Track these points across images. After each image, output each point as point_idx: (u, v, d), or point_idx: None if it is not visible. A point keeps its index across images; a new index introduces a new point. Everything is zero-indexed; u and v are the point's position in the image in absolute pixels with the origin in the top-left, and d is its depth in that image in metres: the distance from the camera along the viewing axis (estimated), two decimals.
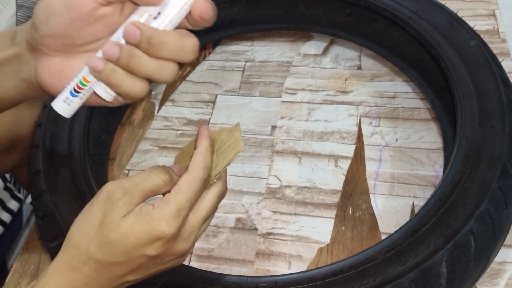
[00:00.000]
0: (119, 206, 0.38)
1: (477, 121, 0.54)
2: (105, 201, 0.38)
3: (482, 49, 0.61)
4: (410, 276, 0.45)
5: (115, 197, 0.38)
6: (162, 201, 0.38)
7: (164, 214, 0.38)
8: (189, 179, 0.39)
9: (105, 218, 0.38)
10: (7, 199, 0.82)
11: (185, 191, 0.39)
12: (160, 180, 0.39)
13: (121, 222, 0.37)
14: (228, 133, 0.44)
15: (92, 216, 0.38)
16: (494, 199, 0.49)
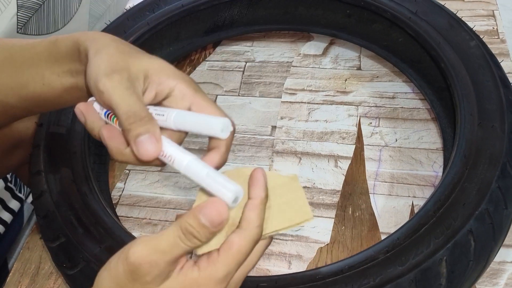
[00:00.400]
0: (148, 281, 0.34)
1: (476, 121, 0.54)
2: (131, 273, 0.34)
3: (481, 50, 0.61)
4: (410, 276, 0.45)
5: (142, 271, 0.34)
6: (209, 264, 0.34)
7: (212, 281, 0.34)
8: (242, 239, 0.35)
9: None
10: (8, 198, 0.82)
11: (236, 255, 0.34)
12: (190, 248, 0.34)
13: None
14: (286, 184, 0.39)
15: (119, 281, 0.35)
16: (493, 199, 0.49)
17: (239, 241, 0.34)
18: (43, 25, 0.77)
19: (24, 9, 0.72)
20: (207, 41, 0.83)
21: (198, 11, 0.76)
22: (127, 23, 0.73)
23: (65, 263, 0.53)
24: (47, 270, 0.61)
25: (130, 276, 0.34)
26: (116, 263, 0.35)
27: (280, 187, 0.38)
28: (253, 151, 0.70)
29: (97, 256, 0.52)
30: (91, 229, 0.54)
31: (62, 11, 0.80)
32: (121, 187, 0.69)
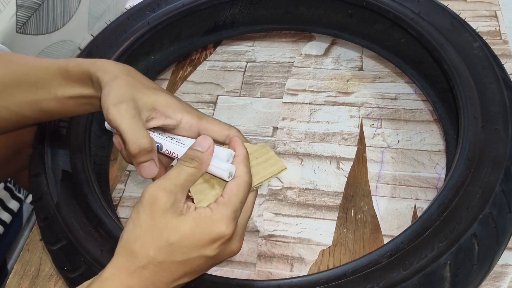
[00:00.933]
0: (168, 208, 0.39)
1: (480, 124, 0.54)
2: (151, 205, 0.39)
3: (484, 51, 0.60)
4: (414, 280, 0.45)
5: (160, 200, 0.39)
6: (218, 204, 0.41)
7: (223, 216, 0.40)
8: (238, 182, 0.42)
9: (158, 222, 0.39)
10: (7, 199, 0.81)
11: (237, 194, 0.41)
12: (192, 168, 0.41)
13: (179, 224, 0.39)
14: (259, 149, 0.47)
15: (142, 222, 0.39)
16: (497, 202, 0.49)
17: (236, 184, 0.42)
18: (42, 24, 0.76)
19: (24, 9, 0.71)
20: (208, 40, 0.83)
21: (199, 10, 0.75)
22: (128, 22, 0.72)
23: (66, 266, 0.53)
24: (47, 272, 0.61)
25: (151, 211, 0.39)
26: (136, 210, 0.40)
27: (255, 152, 0.46)
28: None
29: (98, 259, 0.51)
30: (92, 231, 0.53)
31: (62, 10, 0.79)
32: (122, 188, 0.68)
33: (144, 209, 0.39)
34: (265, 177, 0.47)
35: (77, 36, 0.84)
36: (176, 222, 0.39)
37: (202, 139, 0.43)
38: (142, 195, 0.40)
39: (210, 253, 0.40)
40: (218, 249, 0.40)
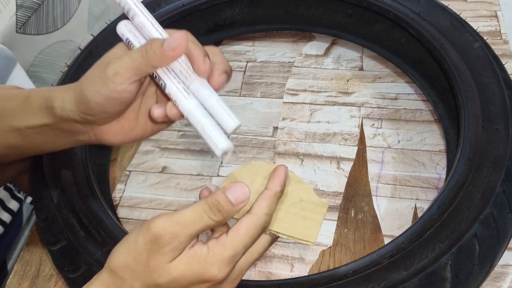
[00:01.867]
0: (166, 252, 0.37)
1: (480, 124, 0.54)
2: (152, 243, 0.37)
3: (485, 51, 0.60)
4: (414, 281, 0.45)
5: (163, 241, 0.37)
6: (218, 243, 0.38)
7: (218, 260, 0.37)
8: (250, 224, 0.38)
9: (151, 261, 0.37)
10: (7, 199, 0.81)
11: (243, 237, 0.38)
12: (213, 222, 0.38)
13: (171, 267, 0.37)
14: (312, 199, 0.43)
15: (137, 253, 0.37)
16: (498, 203, 0.49)
17: (248, 224, 0.38)
18: (42, 24, 0.76)
19: (24, 9, 0.71)
20: (208, 40, 0.82)
21: (199, 10, 0.75)
22: None
23: (66, 267, 0.53)
24: (47, 273, 0.61)
25: (149, 247, 0.37)
26: (136, 235, 0.38)
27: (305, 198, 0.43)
28: (255, 152, 0.69)
29: (99, 260, 0.51)
30: (92, 232, 0.53)
31: (62, 10, 0.79)
32: (122, 188, 0.68)
33: (144, 242, 0.37)
34: (284, 232, 0.42)
35: (77, 36, 0.84)
36: (169, 266, 0.37)
37: (238, 189, 0.38)
38: (150, 225, 0.37)
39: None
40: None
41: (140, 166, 0.71)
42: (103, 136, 0.44)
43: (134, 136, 0.45)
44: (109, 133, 0.44)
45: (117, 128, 0.44)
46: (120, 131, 0.44)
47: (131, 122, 0.44)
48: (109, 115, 0.42)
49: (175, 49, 0.38)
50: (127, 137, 0.44)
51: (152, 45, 0.38)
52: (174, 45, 0.37)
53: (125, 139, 0.44)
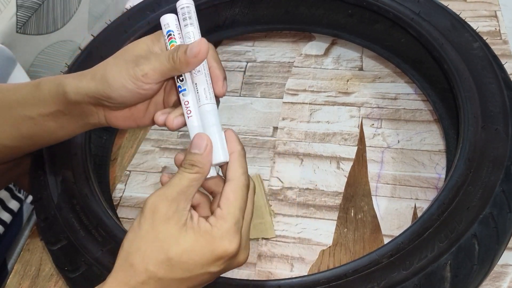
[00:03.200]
0: (169, 216, 0.38)
1: (480, 124, 0.54)
2: (152, 215, 0.38)
3: (485, 51, 0.60)
4: (414, 280, 0.45)
5: (162, 209, 0.38)
6: (217, 218, 0.39)
7: (224, 232, 0.38)
8: (234, 188, 0.40)
9: (159, 233, 0.38)
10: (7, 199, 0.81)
11: (235, 202, 0.39)
12: (194, 174, 0.40)
13: (179, 237, 0.38)
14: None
15: (143, 232, 0.38)
16: (497, 202, 0.49)
17: (233, 189, 0.40)
18: (42, 24, 0.76)
19: (24, 9, 0.71)
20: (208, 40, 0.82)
21: (199, 10, 0.74)
22: (128, 22, 0.72)
23: (66, 266, 0.53)
24: (47, 272, 0.61)
25: (152, 222, 0.38)
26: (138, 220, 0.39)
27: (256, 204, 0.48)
28: (255, 152, 0.69)
29: (99, 259, 0.51)
30: (92, 231, 0.53)
31: (62, 10, 0.79)
32: (122, 188, 0.68)
33: (145, 219, 0.38)
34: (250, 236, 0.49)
35: (77, 36, 0.84)
36: (177, 233, 0.38)
37: (197, 139, 0.41)
38: (144, 204, 0.39)
39: (215, 269, 0.39)
40: (223, 264, 0.39)
41: (140, 166, 0.71)
42: (112, 120, 0.46)
43: (141, 123, 0.47)
44: (119, 118, 0.46)
45: (128, 115, 0.46)
46: (129, 117, 0.46)
47: (142, 111, 0.46)
48: (127, 105, 0.45)
49: (196, 56, 0.40)
50: (134, 123, 0.47)
51: (178, 51, 0.41)
52: (195, 52, 0.40)
53: (132, 126, 0.47)
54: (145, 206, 0.39)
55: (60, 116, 0.46)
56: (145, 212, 0.38)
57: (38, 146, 0.51)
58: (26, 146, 0.50)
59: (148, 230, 0.38)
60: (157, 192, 0.39)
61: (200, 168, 0.40)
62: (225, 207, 0.39)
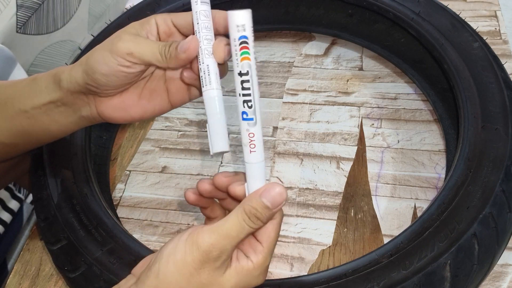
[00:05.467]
0: (217, 267, 0.37)
1: (480, 124, 0.54)
2: (202, 260, 0.37)
3: (484, 51, 0.60)
4: (414, 280, 0.45)
5: (213, 257, 0.37)
6: (257, 255, 0.39)
7: (263, 269, 0.39)
8: (276, 227, 0.39)
9: (204, 278, 0.37)
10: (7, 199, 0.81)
11: (274, 240, 0.39)
12: (253, 229, 0.38)
13: (224, 280, 0.38)
14: None
15: (188, 272, 0.37)
16: (497, 202, 0.49)
17: (274, 229, 0.39)
18: (42, 24, 0.76)
19: (24, 9, 0.71)
20: None
21: None
22: (128, 22, 0.71)
23: (66, 266, 0.53)
24: (47, 272, 0.61)
25: (200, 265, 0.37)
26: (184, 254, 0.37)
27: None
28: None
29: (99, 259, 0.51)
30: (92, 231, 0.54)
31: (62, 10, 0.79)
32: (122, 188, 0.68)
33: (194, 260, 0.37)
34: None
35: (77, 36, 0.84)
36: (222, 280, 0.38)
37: (274, 191, 0.37)
38: (198, 241, 0.37)
39: None
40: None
41: (140, 166, 0.71)
42: (103, 111, 0.45)
43: (133, 114, 0.46)
44: (109, 107, 0.45)
45: (118, 103, 0.45)
46: (120, 105, 0.45)
47: (133, 99, 0.45)
48: (112, 88, 0.43)
49: (186, 51, 0.41)
50: (127, 114, 0.46)
51: (171, 46, 0.41)
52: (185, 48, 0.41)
53: (124, 117, 0.46)
54: (199, 247, 0.37)
55: (52, 108, 0.46)
56: (195, 254, 0.37)
57: (34, 143, 0.50)
58: (22, 143, 0.49)
59: (192, 272, 0.37)
60: (214, 235, 0.37)
61: (263, 225, 0.38)
62: (266, 245, 0.39)
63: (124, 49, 0.41)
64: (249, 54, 0.37)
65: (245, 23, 0.35)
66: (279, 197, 0.37)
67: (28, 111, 0.46)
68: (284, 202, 0.38)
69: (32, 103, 0.46)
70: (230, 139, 0.71)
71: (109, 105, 0.45)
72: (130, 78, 0.43)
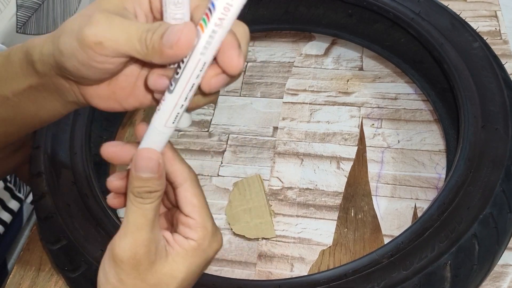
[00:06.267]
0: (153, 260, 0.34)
1: (480, 124, 0.54)
2: (136, 267, 0.33)
3: (485, 51, 0.60)
4: (414, 280, 0.45)
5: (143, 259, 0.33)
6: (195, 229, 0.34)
7: (210, 238, 0.35)
8: (192, 190, 0.35)
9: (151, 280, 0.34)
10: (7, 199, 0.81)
11: (200, 203, 0.35)
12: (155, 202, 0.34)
13: (173, 271, 0.34)
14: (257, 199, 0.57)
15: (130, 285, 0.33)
16: (497, 202, 0.49)
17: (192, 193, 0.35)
18: (42, 24, 0.76)
19: (24, 9, 0.71)
20: None
21: None
22: None
23: (66, 266, 0.53)
24: (47, 272, 0.61)
25: (136, 275, 0.33)
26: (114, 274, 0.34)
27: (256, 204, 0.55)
28: (255, 152, 0.69)
29: (99, 259, 0.51)
30: (92, 231, 0.53)
31: (62, 10, 0.79)
32: None
33: (128, 276, 0.33)
34: (251, 236, 0.59)
35: None
36: (167, 270, 0.34)
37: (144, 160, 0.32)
38: (117, 258, 0.33)
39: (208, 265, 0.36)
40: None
41: None
42: (90, 100, 0.37)
43: (128, 106, 0.37)
44: (96, 97, 0.36)
45: (107, 93, 0.36)
46: (111, 96, 0.36)
47: (126, 89, 0.36)
48: (90, 80, 0.34)
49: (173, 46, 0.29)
50: (120, 105, 0.37)
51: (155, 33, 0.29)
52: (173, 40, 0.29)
53: (117, 108, 0.37)
54: (122, 261, 0.33)
55: (34, 93, 0.38)
56: (124, 268, 0.33)
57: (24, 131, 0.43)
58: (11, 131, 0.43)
59: (136, 284, 0.33)
60: (127, 242, 0.33)
61: (159, 191, 0.33)
62: (197, 215, 0.34)
63: (91, 37, 0.30)
64: (206, 25, 0.28)
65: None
66: (148, 161, 0.32)
67: (10, 98, 0.38)
68: (159, 160, 0.33)
69: (11, 87, 0.38)
70: (231, 140, 0.71)
71: (96, 94, 0.36)
72: (109, 73, 0.33)
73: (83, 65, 0.32)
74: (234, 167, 0.68)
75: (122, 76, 0.35)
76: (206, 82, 0.31)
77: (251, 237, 0.60)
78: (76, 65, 0.32)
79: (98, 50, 0.30)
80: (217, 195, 0.65)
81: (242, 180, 0.66)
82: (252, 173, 0.67)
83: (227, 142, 0.71)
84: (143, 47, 0.30)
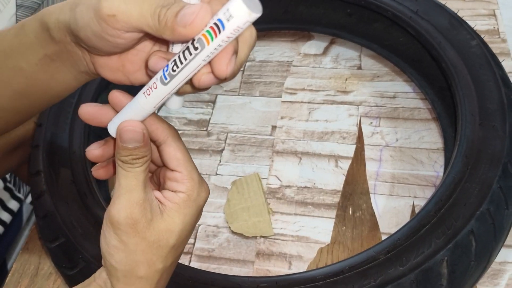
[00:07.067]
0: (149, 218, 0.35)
1: (477, 121, 0.54)
2: (134, 227, 0.35)
3: (482, 50, 0.61)
4: (411, 277, 0.45)
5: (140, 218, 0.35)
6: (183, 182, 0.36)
7: (197, 188, 0.36)
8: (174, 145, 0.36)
9: (150, 237, 0.35)
10: (7, 199, 0.82)
11: (184, 156, 0.36)
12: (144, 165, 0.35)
13: (170, 226, 0.35)
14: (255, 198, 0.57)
15: (133, 247, 0.35)
16: (495, 199, 0.49)
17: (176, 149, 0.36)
18: None
19: (23, 9, 0.72)
20: None
21: None
22: None
23: (64, 264, 0.53)
24: (46, 271, 0.61)
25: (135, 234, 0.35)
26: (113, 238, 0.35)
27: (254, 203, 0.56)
28: (253, 151, 0.70)
29: (97, 257, 0.51)
30: (90, 229, 0.54)
31: None
32: None
33: (128, 234, 0.35)
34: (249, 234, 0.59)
35: None
36: (165, 226, 0.35)
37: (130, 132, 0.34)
38: (112, 220, 0.35)
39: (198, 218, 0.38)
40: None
41: None
42: (99, 70, 0.38)
43: (134, 80, 0.38)
44: (106, 67, 0.38)
45: (117, 65, 0.38)
46: (119, 69, 0.38)
47: (135, 64, 0.37)
48: (101, 51, 0.36)
49: (186, 26, 0.29)
50: (127, 79, 0.38)
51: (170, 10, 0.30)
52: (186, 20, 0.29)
53: (124, 81, 0.39)
54: (119, 223, 0.35)
55: (48, 63, 0.39)
56: (123, 229, 0.35)
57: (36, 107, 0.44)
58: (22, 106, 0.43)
59: (137, 243, 0.35)
60: (122, 203, 0.35)
61: (146, 156, 0.35)
62: (183, 167, 0.36)
63: (106, 9, 0.31)
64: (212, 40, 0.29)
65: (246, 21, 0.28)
66: (133, 134, 0.34)
67: (24, 69, 0.39)
68: (143, 131, 0.34)
69: (27, 58, 0.39)
70: (229, 139, 0.71)
71: (106, 65, 0.38)
72: (120, 47, 0.35)
73: (96, 37, 0.33)
74: (232, 166, 0.68)
75: (134, 50, 0.37)
76: (197, 77, 0.32)
77: (249, 235, 0.60)
78: (89, 35, 0.33)
79: (111, 23, 0.32)
80: (215, 193, 0.65)
81: (240, 179, 0.66)
82: (250, 172, 0.67)
83: (225, 141, 0.71)
84: (156, 22, 0.31)
